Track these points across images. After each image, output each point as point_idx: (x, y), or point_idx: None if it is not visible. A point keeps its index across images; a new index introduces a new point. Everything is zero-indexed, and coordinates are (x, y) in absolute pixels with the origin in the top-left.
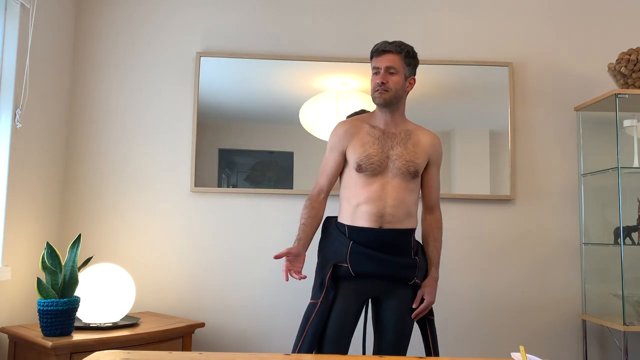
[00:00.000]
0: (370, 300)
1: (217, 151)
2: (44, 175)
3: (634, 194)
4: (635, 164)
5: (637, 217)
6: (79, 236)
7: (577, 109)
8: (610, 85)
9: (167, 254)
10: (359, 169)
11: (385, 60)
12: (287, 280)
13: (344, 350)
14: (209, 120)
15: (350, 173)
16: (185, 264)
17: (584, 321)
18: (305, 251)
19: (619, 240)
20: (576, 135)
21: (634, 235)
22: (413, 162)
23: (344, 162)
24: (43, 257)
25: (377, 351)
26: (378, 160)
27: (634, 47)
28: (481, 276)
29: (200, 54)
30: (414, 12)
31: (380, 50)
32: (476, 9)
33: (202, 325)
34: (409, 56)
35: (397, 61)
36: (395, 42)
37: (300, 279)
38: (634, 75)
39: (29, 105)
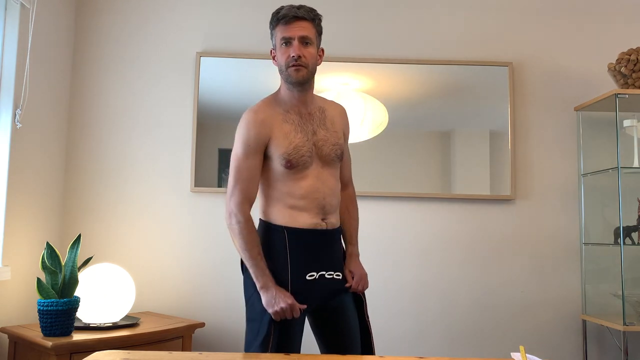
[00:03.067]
0: (309, 318)
1: (217, 151)
2: (44, 175)
3: (634, 194)
4: (635, 164)
5: (637, 217)
6: (79, 236)
7: (577, 109)
8: (610, 85)
9: (167, 254)
10: (289, 165)
11: (298, 29)
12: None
13: None
14: (209, 120)
15: (274, 169)
16: (185, 264)
17: (584, 321)
18: None
19: (619, 240)
20: (576, 135)
21: (634, 235)
22: (338, 144)
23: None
24: (43, 257)
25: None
26: (307, 150)
27: (634, 47)
28: (481, 276)
29: (200, 54)
30: (414, 12)
31: (290, 16)
32: (476, 9)
33: (202, 325)
34: (320, 24)
35: (311, 30)
36: (303, 6)
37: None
38: (634, 75)
39: (29, 105)
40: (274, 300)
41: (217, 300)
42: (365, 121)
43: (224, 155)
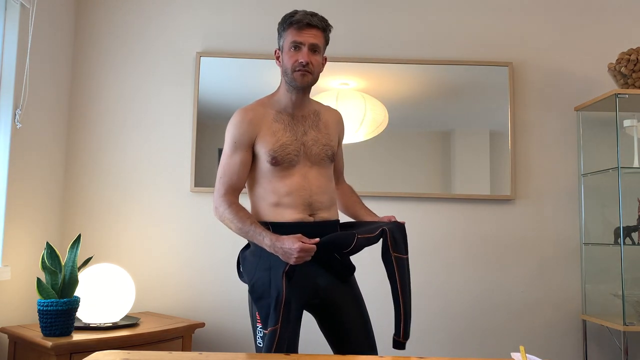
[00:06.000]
0: (315, 311)
1: (217, 151)
2: (44, 175)
3: (634, 194)
4: (635, 164)
5: (637, 217)
6: (79, 236)
7: (577, 109)
8: (610, 85)
9: (167, 254)
10: (275, 162)
11: (310, 36)
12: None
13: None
14: (209, 120)
15: (261, 167)
16: (185, 264)
17: (584, 321)
18: None
19: (619, 240)
20: (576, 135)
21: (634, 235)
22: (329, 146)
23: (252, 159)
24: (43, 257)
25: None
26: (294, 149)
27: (634, 47)
28: (481, 276)
29: (200, 54)
30: (414, 12)
31: (305, 22)
32: (476, 9)
33: (202, 325)
34: (329, 35)
35: (320, 39)
36: (317, 15)
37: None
38: (634, 75)
39: (29, 105)
40: (287, 255)
41: (217, 300)
42: (365, 121)
43: None
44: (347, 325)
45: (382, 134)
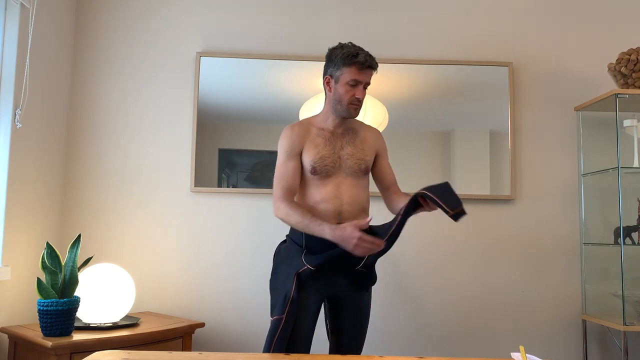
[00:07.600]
0: (326, 299)
1: (217, 151)
2: (44, 175)
3: (634, 194)
4: (635, 164)
5: (637, 217)
6: (79, 236)
7: (577, 109)
8: (610, 85)
9: (167, 254)
10: (314, 171)
11: (368, 77)
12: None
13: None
14: (209, 120)
15: (304, 174)
16: (185, 264)
17: (584, 321)
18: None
19: (619, 240)
20: (576, 135)
21: (634, 235)
22: (363, 160)
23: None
24: (43, 257)
25: (334, 350)
26: (331, 161)
27: (634, 47)
28: (481, 276)
29: (200, 54)
30: (414, 12)
31: (367, 65)
32: (476, 9)
33: (202, 325)
34: None
35: (371, 77)
36: (373, 57)
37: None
38: (634, 75)
39: (29, 105)
40: (347, 241)
41: (217, 300)
42: (365, 121)
43: (224, 155)
44: (345, 327)
45: (382, 134)
